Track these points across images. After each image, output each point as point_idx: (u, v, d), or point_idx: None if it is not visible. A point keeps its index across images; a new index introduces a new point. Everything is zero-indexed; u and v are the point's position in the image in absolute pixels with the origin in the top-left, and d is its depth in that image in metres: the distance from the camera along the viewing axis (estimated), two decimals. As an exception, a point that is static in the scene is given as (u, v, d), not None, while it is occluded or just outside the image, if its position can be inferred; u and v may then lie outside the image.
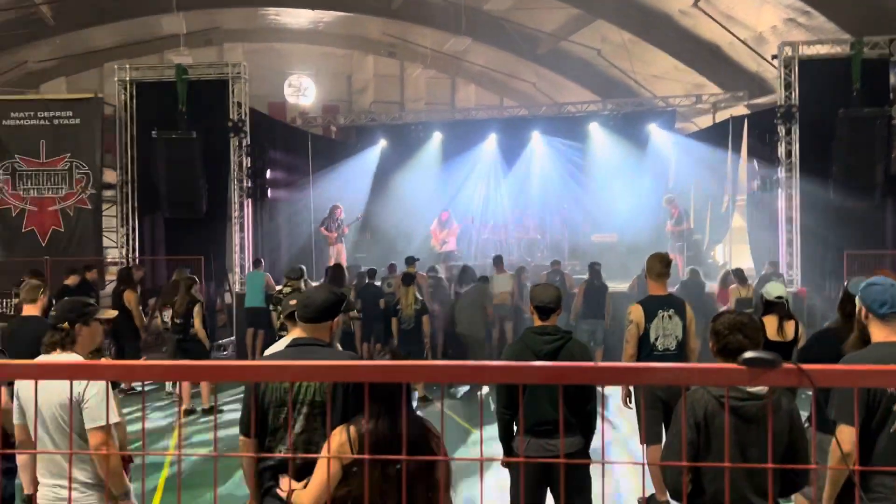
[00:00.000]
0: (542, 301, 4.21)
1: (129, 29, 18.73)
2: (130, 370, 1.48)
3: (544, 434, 4.04)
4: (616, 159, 16.71)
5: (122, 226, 14.04)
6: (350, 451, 2.69)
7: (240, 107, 13.69)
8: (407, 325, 9.84)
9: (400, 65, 22.53)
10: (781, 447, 2.89)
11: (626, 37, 17.17)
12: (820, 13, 13.80)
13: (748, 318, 3.04)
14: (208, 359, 9.19)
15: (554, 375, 1.36)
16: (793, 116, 12.51)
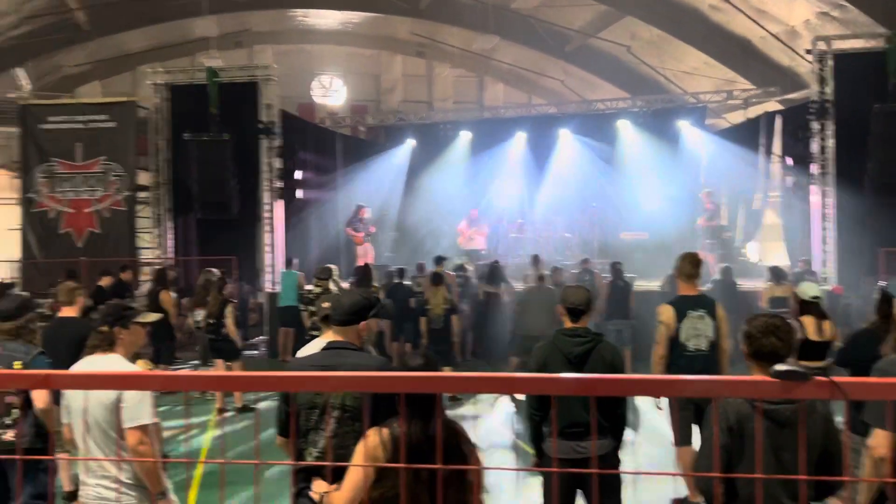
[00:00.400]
0: (573, 303, 4.19)
1: (161, 32, 19.01)
2: (175, 381, 1.52)
3: (575, 436, 4.02)
4: (646, 156, 16.57)
5: (156, 227, 14.28)
6: (383, 453, 2.72)
7: (270, 108, 13.84)
8: (436, 325, 9.86)
9: (428, 64, 22.56)
10: (816, 451, 2.86)
11: (655, 33, 17.02)
12: (854, 6, 13.56)
13: (782, 320, 3.00)
14: (240, 358, 9.29)
15: (587, 387, 1.37)
16: (827, 112, 12.31)
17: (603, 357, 4.09)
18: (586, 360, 4.07)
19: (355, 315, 3.33)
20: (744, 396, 2.64)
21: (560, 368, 4.06)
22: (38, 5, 16.02)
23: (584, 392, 1.33)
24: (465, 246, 15.70)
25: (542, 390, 1.51)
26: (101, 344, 3.50)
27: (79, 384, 1.72)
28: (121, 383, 1.62)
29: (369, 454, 2.75)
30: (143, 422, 3.34)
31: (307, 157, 15.37)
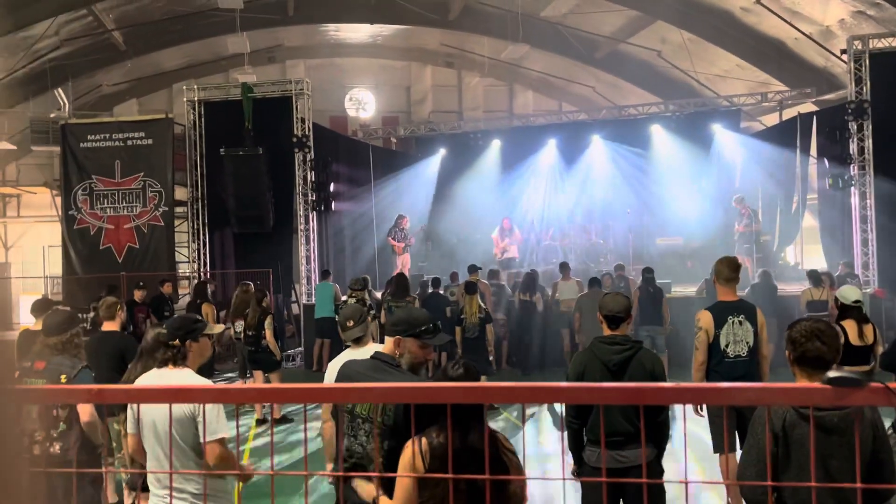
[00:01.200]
0: (612, 310, 4.16)
1: (195, 50, 19.37)
2: (225, 393, 1.56)
3: (616, 445, 3.98)
4: (680, 161, 16.43)
5: (194, 241, 14.52)
6: (421, 462, 2.73)
7: (303, 122, 14.01)
8: (471, 334, 9.85)
9: (458, 74, 22.66)
10: (865, 458, 2.80)
11: (686, 37, 16.88)
12: (890, 4, 13.31)
13: (825, 324, 2.95)
14: (279, 369, 9.39)
15: (633, 396, 1.37)
16: (865, 112, 12.12)
17: (643, 365, 4.05)
18: (626, 368, 4.04)
19: (396, 326, 3.32)
20: (796, 404, 2.60)
21: (599, 377, 4.03)
22: (77, 27, 16.43)
23: (633, 401, 1.34)
24: (500, 257, 15.70)
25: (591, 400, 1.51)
26: (173, 357, 3.53)
27: (131, 398, 1.77)
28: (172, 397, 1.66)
29: (407, 464, 2.77)
30: (222, 434, 3.39)
31: (340, 170, 15.51)
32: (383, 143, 19.50)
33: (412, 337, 3.28)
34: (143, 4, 16.40)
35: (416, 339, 3.28)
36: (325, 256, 14.52)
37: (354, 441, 3.25)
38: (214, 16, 16.32)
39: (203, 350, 3.68)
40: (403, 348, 3.28)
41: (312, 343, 12.77)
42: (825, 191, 13.25)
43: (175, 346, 3.54)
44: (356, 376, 3.25)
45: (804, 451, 2.79)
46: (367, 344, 4.07)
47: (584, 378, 4.09)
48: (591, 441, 4.12)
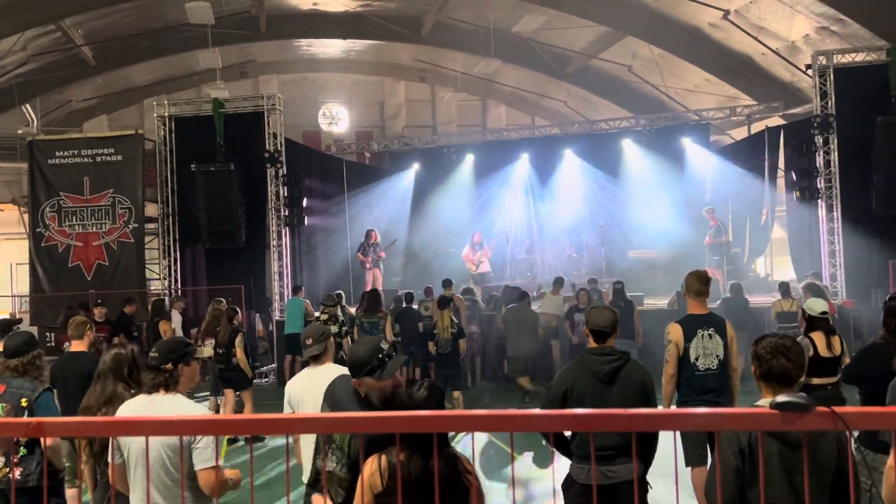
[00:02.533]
0: (599, 325, 4.18)
1: (166, 65, 19.25)
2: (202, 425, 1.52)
3: (604, 459, 3.96)
4: (651, 175, 16.59)
5: (164, 258, 14.37)
6: (380, 480, 2.71)
7: (275, 137, 13.96)
8: (444, 349, 9.84)
9: (431, 89, 22.73)
10: (830, 473, 2.81)
11: (656, 52, 17.10)
12: (853, 20, 13.60)
13: (791, 340, 2.97)
14: (251, 387, 9.28)
15: (584, 423, 1.37)
16: (830, 126, 12.34)
17: (633, 376, 4.08)
18: (615, 378, 4.05)
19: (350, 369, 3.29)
20: (745, 430, 2.60)
21: (588, 387, 4.04)
22: (45, 42, 16.24)
23: (584, 428, 1.34)
24: (474, 271, 15.70)
25: (542, 428, 1.51)
26: (165, 382, 3.40)
27: (70, 432, 1.72)
28: (124, 430, 1.62)
29: (366, 481, 2.75)
30: (217, 462, 3.31)
31: (313, 185, 15.46)
32: (357, 158, 19.47)
33: (365, 376, 3.23)
34: (112, 19, 16.26)
35: (370, 377, 3.23)
36: (298, 272, 14.44)
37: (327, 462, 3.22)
38: (186, 31, 16.23)
39: (193, 374, 3.57)
40: (365, 388, 3.24)
41: (284, 359, 12.67)
42: (793, 203, 13.45)
43: (167, 370, 3.40)
44: (337, 402, 3.26)
45: (769, 468, 2.79)
46: (326, 363, 4.05)
47: (574, 391, 4.08)
48: (579, 457, 4.09)
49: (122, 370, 4.10)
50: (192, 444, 3.26)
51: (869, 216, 12.02)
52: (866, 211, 12.04)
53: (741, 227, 15.78)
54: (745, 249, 15.75)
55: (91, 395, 4.10)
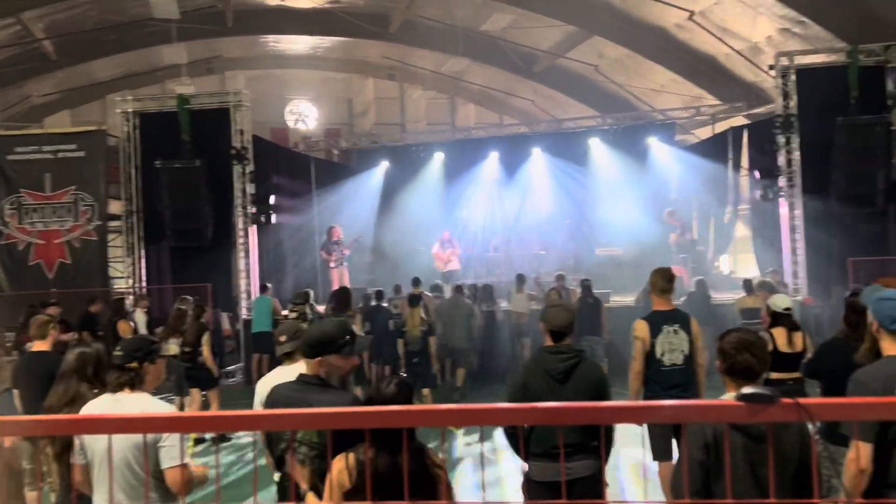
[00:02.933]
0: (557, 325, 4.20)
1: (130, 60, 18.94)
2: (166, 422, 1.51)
3: (559, 457, 3.96)
4: (617, 173, 16.76)
5: (129, 256, 14.14)
6: (348, 477, 2.71)
7: (242, 134, 13.82)
8: (414, 346, 9.84)
9: (400, 87, 22.69)
10: (793, 465, 2.88)
11: (622, 52, 17.28)
12: (814, 22, 13.88)
13: (755, 336, 3.04)
14: (217, 386, 9.19)
15: (555, 416, 1.39)
16: (792, 125, 12.56)
17: (588, 374, 4.10)
18: (570, 377, 4.07)
19: (313, 348, 3.27)
20: (711, 421, 2.66)
21: (543, 385, 4.06)
22: (4, 36, 15.88)
23: (555, 421, 1.35)
24: (443, 269, 15.71)
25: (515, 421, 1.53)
26: (130, 381, 3.36)
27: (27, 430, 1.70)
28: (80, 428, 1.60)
29: (334, 480, 2.74)
30: (186, 460, 3.29)
31: (281, 182, 15.34)
32: (325, 156, 19.37)
33: (332, 354, 3.23)
34: (74, 13, 15.95)
35: (336, 355, 3.24)
36: (266, 270, 14.32)
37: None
38: (150, 26, 15.99)
39: (159, 372, 3.55)
40: (328, 366, 3.24)
41: (251, 358, 12.57)
42: (756, 202, 13.68)
43: (133, 368, 3.36)
44: (286, 401, 3.18)
45: (733, 461, 2.85)
46: (300, 360, 4.03)
47: (528, 388, 4.11)
48: (535, 455, 4.10)
49: (86, 370, 4.03)
50: (158, 442, 3.23)
51: (829, 215, 12.27)
52: (827, 210, 12.29)
53: (705, 225, 16.02)
54: (709, 247, 15.99)
55: (53, 395, 4.03)
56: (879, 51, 12.19)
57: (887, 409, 1.59)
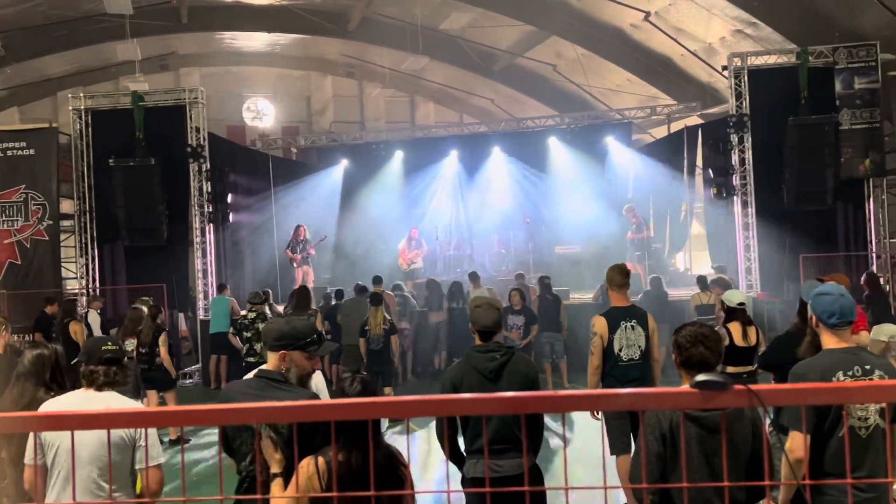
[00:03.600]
0: (485, 325, 4.17)
1: (82, 57, 18.51)
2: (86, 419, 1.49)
3: (494, 454, 3.99)
4: (576, 172, 16.94)
5: (82, 256, 13.83)
6: (318, 482, 2.68)
7: (198, 132, 13.63)
8: (376, 346, 9.82)
9: (359, 85, 22.59)
10: (746, 455, 2.96)
11: (579, 52, 17.45)
12: (766, 24, 14.19)
13: (710, 329, 3.12)
14: (174, 388, 9.06)
15: (515, 405, 1.40)
16: (744, 125, 12.82)
17: (518, 370, 4.09)
18: (501, 374, 4.06)
19: (279, 341, 3.23)
20: (667, 408, 2.73)
21: (475, 384, 4.03)
22: (-50, 30, 15.42)
23: (514, 410, 1.37)
24: (406, 267, 15.70)
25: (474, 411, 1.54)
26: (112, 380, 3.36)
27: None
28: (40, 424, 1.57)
29: (303, 484, 2.72)
30: (162, 460, 3.26)
31: (238, 180, 15.16)
32: (283, 154, 19.19)
33: (297, 350, 3.21)
34: (23, 8, 15.53)
35: (301, 352, 3.21)
36: (223, 270, 14.14)
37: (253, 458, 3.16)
38: (102, 21, 15.64)
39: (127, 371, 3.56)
40: (290, 362, 3.20)
41: (209, 359, 12.41)
42: (710, 200, 13.95)
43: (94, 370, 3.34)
44: (241, 398, 3.13)
45: (689, 451, 2.92)
46: None
47: (461, 388, 4.10)
48: (469, 452, 4.11)
49: (43, 373, 3.90)
50: (136, 442, 3.19)
51: (781, 212, 12.57)
52: (779, 207, 12.58)
53: (661, 223, 16.27)
54: (665, 244, 16.25)
55: (7, 397, 3.91)
56: (828, 52, 12.52)
57: (832, 395, 1.65)
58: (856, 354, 3.27)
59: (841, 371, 3.20)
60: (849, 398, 1.68)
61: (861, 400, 2.61)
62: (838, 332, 3.28)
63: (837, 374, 3.20)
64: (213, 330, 12.22)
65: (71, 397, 3.40)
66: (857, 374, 3.20)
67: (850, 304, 3.29)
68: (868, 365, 3.23)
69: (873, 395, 1.88)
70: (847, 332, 3.30)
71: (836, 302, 3.27)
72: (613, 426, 5.60)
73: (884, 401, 2.95)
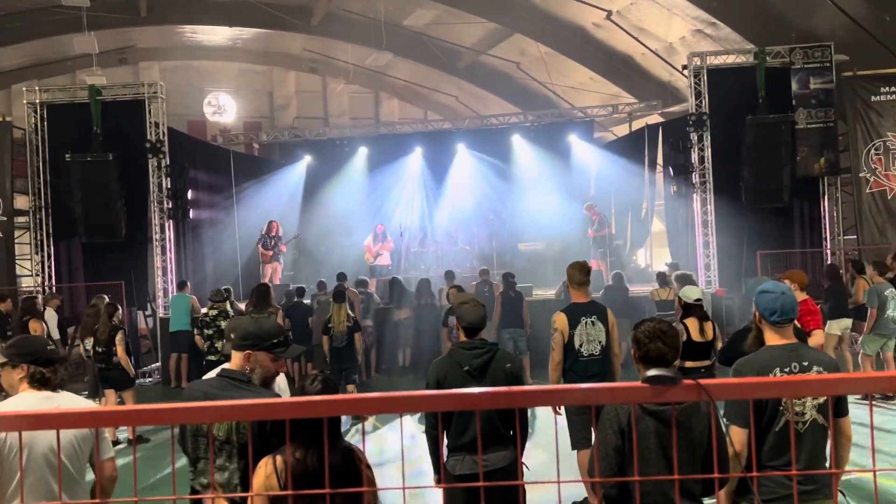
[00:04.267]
0: (470, 322, 4.23)
1: (37, 49, 18.10)
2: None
3: (476, 450, 4.04)
4: (539, 169, 17.04)
5: (37, 253, 13.54)
6: (277, 481, 2.67)
7: (157, 127, 13.42)
8: (339, 343, 9.78)
9: (322, 80, 22.45)
10: (702, 449, 3.02)
11: (543, 50, 17.56)
12: (725, 24, 14.43)
13: (668, 325, 3.16)
14: (133, 387, 8.92)
15: (471, 402, 1.41)
16: (704, 124, 13.02)
17: (502, 366, 4.14)
18: (485, 372, 4.11)
19: (245, 340, 3.21)
20: (620, 402, 2.77)
21: (459, 381, 4.09)
22: None
23: (471, 406, 1.38)
24: (371, 262, 15.66)
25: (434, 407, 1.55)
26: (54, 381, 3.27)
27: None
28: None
29: (261, 484, 2.70)
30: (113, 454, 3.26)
31: (199, 176, 14.94)
32: (245, 149, 18.97)
33: (263, 351, 3.18)
34: (-25, -2, 15.16)
35: (267, 353, 3.18)
36: (184, 267, 13.95)
37: (207, 464, 3.11)
38: (59, 13, 15.30)
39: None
40: (254, 363, 3.18)
41: (169, 358, 12.24)
42: (671, 197, 14.15)
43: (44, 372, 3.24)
44: (203, 398, 3.11)
45: (646, 445, 2.98)
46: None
47: (444, 384, 4.14)
48: (452, 449, 4.14)
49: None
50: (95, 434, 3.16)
51: (739, 209, 12.80)
52: (737, 204, 12.81)
53: (623, 220, 16.46)
54: (626, 241, 16.44)
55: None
56: (785, 53, 12.77)
57: (777, 389, 1.70)
58: (794, 351, 3.34)
59: (778, 367, 3.28)
60: (793, 392, 1.74)
61: (803, 393, 2.68)
62: (779, 329, 3.36)
63: (774, 371, 3.28)
64: (173, 328, 12.06)
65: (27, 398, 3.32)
66: (794, 371, 3.29)
67: (791, 301, 3.37)
68: (806, 361, 3.30)
69: (815, 388, 1.94)
70: (788, 329, 3.38)
71: (777, 300, 3.34)
72: (575, 421, 5.66)
73: (825, 394, 3.03)
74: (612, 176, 16.02)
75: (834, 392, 2.86)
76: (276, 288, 12.80)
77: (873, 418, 1.81)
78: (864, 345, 9.12)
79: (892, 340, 9.01)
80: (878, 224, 13.04)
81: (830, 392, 2.81)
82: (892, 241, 12.66)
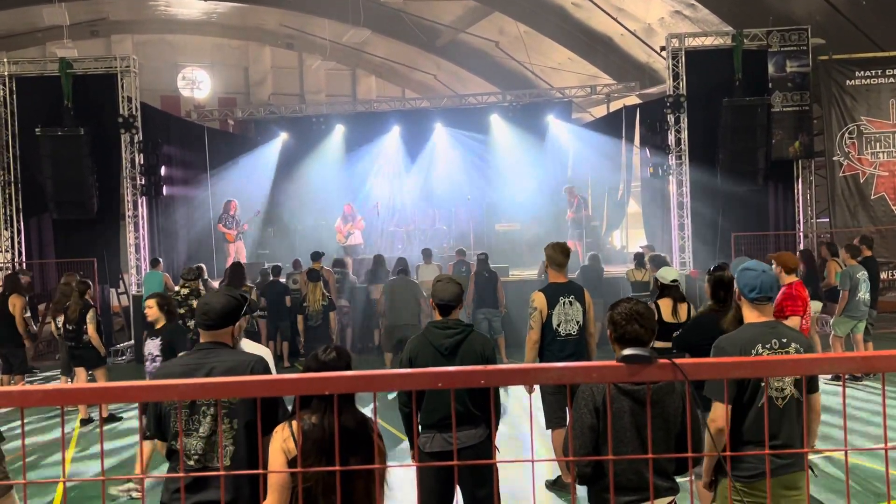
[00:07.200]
0: (443, 299, 4.20)
1: (6, 20, 17.67)
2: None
3: (448, 428, 4.04)
4: (517, 149, 17.01)
5: (7, 229, 13.30)
6: (294, 444, 2.68)
7: (130, 101, 13.18)
8: (314, 322, 9.74)
9: (299, 56, 22.18)
10: (676, 428, 3.05)
11: (522, 29, 17.47)
12: (703, 6, 14.44)
13: (644, 306, 3.17)
14: (104, 365, 8.81)
15: (445, 380, 1.40)
16: (681, 105, 13.06)
17: (474, 348, 4.13)
18: (457, 352, 4.10)
19: (227, 318, 3.21)
20: (594, 381, 2.79)
21: (430, 360, 4.07)
22: None
23: (446, 385, 1.36)
24: (343, 243, 15.57)
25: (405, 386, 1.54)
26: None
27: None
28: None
29: (279, 448, 2.72)
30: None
31: (173, 153, 14.72)
32: (220, 126, 18.72)
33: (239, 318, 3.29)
34: (-61, -35, 14.73)
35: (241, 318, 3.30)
36: (156, 244, 13.78)
37: (195, 434, 3.07)
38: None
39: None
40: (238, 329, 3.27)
41: (141, 336, 12.10)
42: (647, 179, 14.20)
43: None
44: (181, 373, 3.08)
45: (621, 424, 2.99)
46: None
47: (416, 363, 4.12)
48: (424, 427, 4.14)
49: None
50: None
51: (715, 191, 12.89)
52: (712, 186, 12.89)
53: (600, 201, 16.51)
54: (602, 222, 16.51)
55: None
56: (762, 35, 12.81)
57: (751, 369, 1.71)
58: (774, 328, 3.47)
59: (760, 344, 3.41)
60: (768, 371, 1.76)
61: (779, 373, 2.74)
62: (759, 307, 3.48)
63: (756, 348, 3.41)
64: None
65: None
66: (774, 348, 3.42)
67: (770, 280, 3.48)
68: (785, 338, 3.44)
69: (790, 368, 1.97)
70: (768, 306, 3.48)
71: (757, 277, 3.46)
72: (550, 401, 5.69)
73: (799, 373, 3.12)
74: (589, 157, 16.03)
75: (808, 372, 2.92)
76: (248, 266, 12.68)
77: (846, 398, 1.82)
78: (835, 326, 9.26)
79: (862, 322, 9.15)
80: (851, 207, 13.21)
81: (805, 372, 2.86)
82: (863, 225, 12.84)
